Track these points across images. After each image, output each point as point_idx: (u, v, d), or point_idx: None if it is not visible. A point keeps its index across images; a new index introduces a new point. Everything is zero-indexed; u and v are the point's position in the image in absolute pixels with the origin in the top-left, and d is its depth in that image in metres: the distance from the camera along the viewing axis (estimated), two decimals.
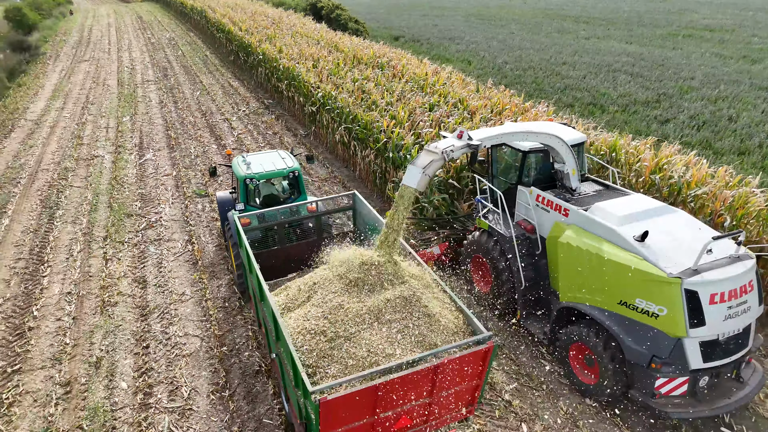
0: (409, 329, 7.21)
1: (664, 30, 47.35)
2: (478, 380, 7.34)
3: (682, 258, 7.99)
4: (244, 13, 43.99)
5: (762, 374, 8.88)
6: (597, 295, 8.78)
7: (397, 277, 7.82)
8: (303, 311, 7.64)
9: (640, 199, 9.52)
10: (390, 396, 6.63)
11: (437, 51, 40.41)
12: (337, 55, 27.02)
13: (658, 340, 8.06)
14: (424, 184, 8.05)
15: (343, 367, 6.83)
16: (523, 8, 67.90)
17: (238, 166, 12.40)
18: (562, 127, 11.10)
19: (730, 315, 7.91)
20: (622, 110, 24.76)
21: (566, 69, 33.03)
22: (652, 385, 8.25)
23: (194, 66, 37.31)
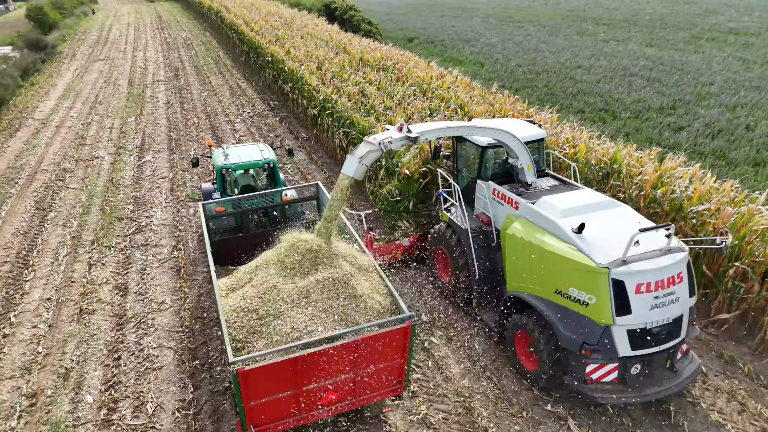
0: (333, 309, 7.78)
1: (687, 33, 45.98)
2: (402, 358, 7.81)
3: (614, 249, 8.17)
4: (259, 14, 43.94)
5: (698, 365, 9.07)
6: (537, 284, 9.12)
7: (331, 261, 8.36)
8: (242, 292, 8.22)
9: (588, 194, 9.80)
10: (311, 370, 7.18)
11: (450, 53, 39.81)
12: (343, 57, 26.66)
13: (589, 328, 8.36)
14: (361, 173, 8.55)
15: (269, 342, 7.38)
16: (543, 9, 66.79)
17: (216, 157, 12.93)
18: (521, 124, 11.40)
19: (657, 305, 8.15)
20: (635, 117, 23.92)
21: (580, 73, 32.17)
22: (583, 372, 8.53)
23: (206, 66, 37.33)
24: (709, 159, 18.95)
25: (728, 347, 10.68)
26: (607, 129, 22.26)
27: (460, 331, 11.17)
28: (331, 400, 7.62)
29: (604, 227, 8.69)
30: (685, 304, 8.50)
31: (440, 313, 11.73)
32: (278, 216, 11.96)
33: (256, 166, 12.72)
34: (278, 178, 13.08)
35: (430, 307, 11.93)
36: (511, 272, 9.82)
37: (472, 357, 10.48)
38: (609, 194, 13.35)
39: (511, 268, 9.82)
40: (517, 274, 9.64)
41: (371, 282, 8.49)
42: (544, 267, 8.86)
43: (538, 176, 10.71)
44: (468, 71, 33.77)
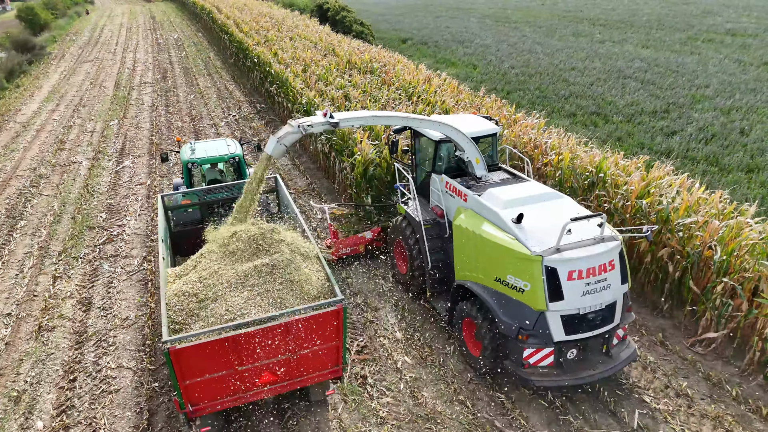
0: (269, 293, 8.13)
1: (683, 34, 45.46)
2: (337, 341, 8.18)
3: (549, 238, 8.48)
4: (250, 14, 43.42)
5: (633, 351, 9.41)
6: (479, 272, 9.45)
7: (273, 248, 8.79)
8: (187, 277, 8.62)
9: (533, 186, 10.14)
10: (244, 350, 7.52)
11: (443, 54, 39.29)
12: (331, 59, 26.14)
13: (525, 314, 8.67)
14: (279, 152, 9.10)
15: (205, 324, 7.71)
16: (540, 10, 66.24)
17: (183, 152, 13.27)
18: (474, 119, 11.75)
19: (588, 291, 8.45)
20: (627, 120, 23.40)
21: (574, 75, 31.65)
22: (520, 356, 8.85)
23: (195, 68, 36.81)
24: (701, 165, 18.43)
25: (716, 368, 10.15)
26: (598, 133, 21.77)
27: (435, 351, 10.65)
28: (268, 380, 7.98)
29: (543, 217, 9.02)
30: (617, 291, 8.78)
31: (416, 330, 11.21)
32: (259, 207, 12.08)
33: (222, 160, 13.00)
34: (244, 172, 13.35)
35: (407, 325, 11.40)
36: (458, 262, 10.13)
37: (446, 378, 9.97)
38: (594, 204, 12.85)
39: (458, 258, 10.12)
40: (463, 263, 9.96)
41: (311, 269, 8.92)
42: (486, 256, 9.21)
43: (490, 170, 11.21)
44: (460, 73, 33.29)
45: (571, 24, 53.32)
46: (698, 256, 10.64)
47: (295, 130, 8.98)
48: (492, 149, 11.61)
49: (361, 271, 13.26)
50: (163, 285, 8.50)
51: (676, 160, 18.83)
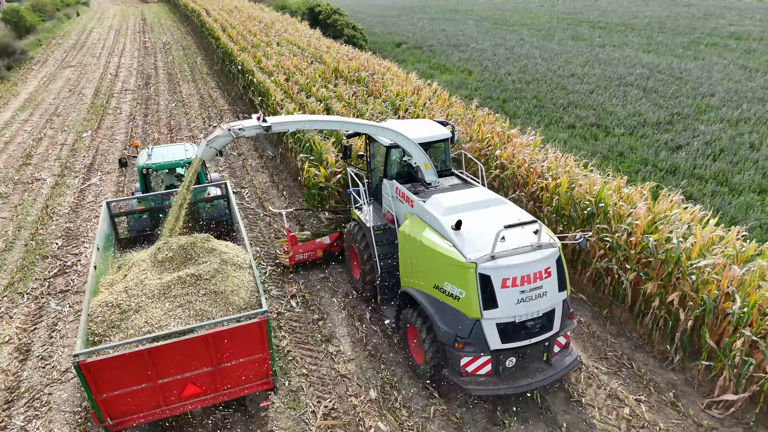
0: (190, 304, 8.05)
1: (686, 38, 44.13)
2: (263, 353, 8.01)
3: (486, 246, 8.34)
4: (239, 18, 42.09)
5: (575, 359, 9.25)
6: (420, 279, 9.33)
7: (202, 257, 8.77)
8: (114, 287, 8.52)
9: (478, 192, 10.12)
10: (164, 363, 7.36)
11: (438, 59, 37.94)
12: (317, 66, 24.80)
13: (461, 322, 8.55)
14: (209, 155, 9.15)
15: (125, 336, 7.63)
16: (539, 12, 64.94)
17: (140, 157, 13.00)
18: (427, 124, 11.66)
19: (524, 299, 8.32)
20: (629, 133, 22.05)
21: (573, 82, 30.31)
22: (458, 364, 8.66)
23: (180, 74, 35.44)
24: (710, 184, 17.08)
25: None
26: (599, 148, 20.42)
27: (414, 413, 9.30)
28: (192, 393, 7.84)
29: (483, 224, 8.88)
30: (554, 299, 8.63)
31: (393, 387, 9.86)
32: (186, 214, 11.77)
33: (178, 165, 12.68)
34: (202, 177, 13.15)
35: (384, 380, 10.05)
36: (403, 269, 9.99)
37: None
38: (595, 237, 11.51)
39: (403, 265, 9.99)
40: (406, 269, 9.84)
41: (241, 279, 8.80)
42: (426, 262, 9.09)
43: (443, 175, 11.27)
44: (454, 80, 31.97)
45: (570, 27, 52.00)
46: (714, 304, 9.30)
47: (226, 134, 9.00)
48: (445, 154, 11.53)
49: (341, 316, 11.92)
50: (88, 295, 8.32)
51: (680, 191, 17.51)
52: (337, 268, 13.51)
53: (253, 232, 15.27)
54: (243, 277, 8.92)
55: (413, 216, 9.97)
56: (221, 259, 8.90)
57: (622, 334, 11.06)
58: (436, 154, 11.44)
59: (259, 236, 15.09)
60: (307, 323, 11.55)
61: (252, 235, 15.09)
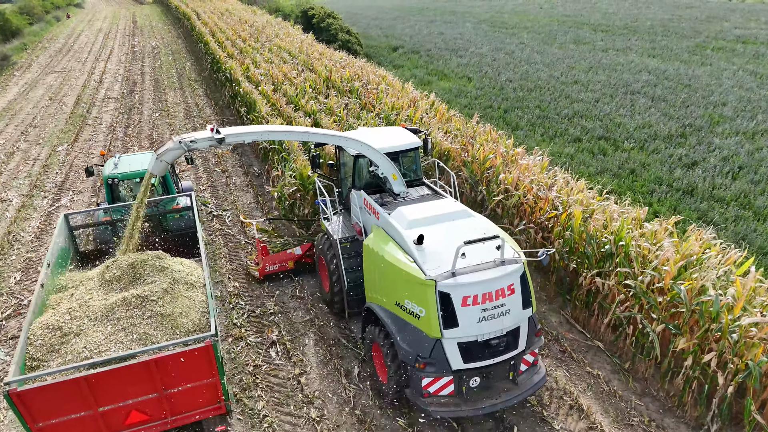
0: (134, 327, 7.69)
1: (691, 41, 42.83)
2: (212, 377, 7.62)
3: (448, 262, 8.00)
4: (230, 21, 40.67)
5: (542, 377, 8.86)
6: (383, 295, 9.00)
7: (151, 277, 8.41)
8: (58, 308, 8.09)
9: (445, 204, 9.67)
10: (104, 390, 7.01)
11: (436, 65, 36.54)
12: (308, 75, 23.40)
13: (421, 341, 8.22)
14: (159, 168, 8.84)
15: (63, 362, 7.24)
16: (538, 14, 63.63)
17: (106, 167, 12.63)
18: (397, 132, 11.25)
19: (485, 317, 7.98)
20: (640, 147, 20.68)
21: (577, 90, 28.96)
22: (420, 385, 8.31)
23: (167, 80, 34.00)
24: (731, 207, 15.73)
25: None
26: (608, 164, 19.06)
27: None
28: (138, 420, 7.52)
29: (448, 239, 8.51)
30: (518, 317, 8.30)
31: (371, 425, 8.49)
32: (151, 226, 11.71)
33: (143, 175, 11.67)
34: (171, 187, 12.95)
35: (359, 418, 8.69)
36: (367, 283, 9.70)
37: None
38: (614, 281, 10.13)
39: (367, 279, 9.69)
40: (370, 284, 9.55)
41: (193, 299, 8.44)
42: (388, 278, 8.77)
43: (413, 185, 10.92)
44: (453, 87, 30.59)
45: (571, 30, 50.67)
46: (759, 371, 7.93)
47: (177, 146, 8.64)
48: (415, 164, 11.18)
49: (326, 370, 10.51)
50: (29, 316, 7.87)
51: (700, 200, 16.14)
52: (324, 308, 12.13)
53: (233, 263, 13.87)
54: (195, 297, 8.55)
55: (378, 229, 9.60)
56: (172, 278, 8.54)
57: (648, 394, 9.68)
58: (407, 163, 11.08)
59: (239, 268, 13.69)
60: (287, 379, 10.14)
61: (231, 267, 13.69)
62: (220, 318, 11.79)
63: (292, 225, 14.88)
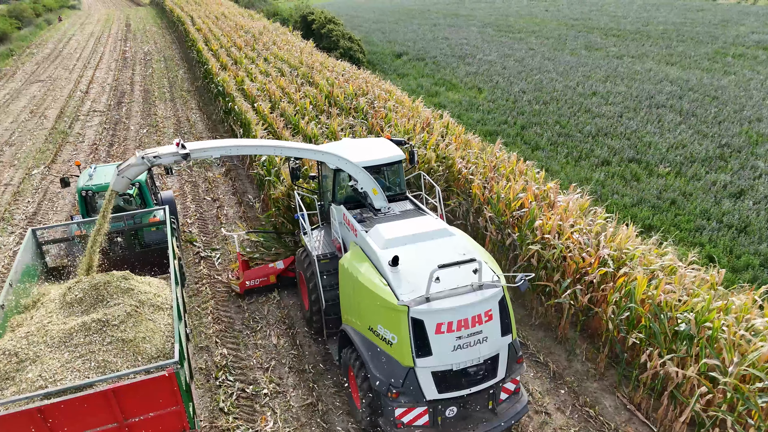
0: (93, 354, 7.36)
1: (709, 47, 40.86)
2: (176, 405, 7.27)
3: (422, 286, 7.50)
4: (226, 27, 38.62)
5: (524, 406, 8.42)
6: (357, 318, 8.57)
7: (114, 299, 8.10)
8: (17, 331, 7.82)
9: (425, 222, 9.19)
10: (59, 421, 6.70)
11: (443, 73, 34.53)
12: (308, 90, 21.37)
13: (394, 369, 7.78)
14: (120, 185, 8.46)
15: (18, 390, 6.93)
16: (545, 17, 61.67)
17: (81, 178, 12.38)
18: (381, 144, 10.72)
19: (461, 345, 7.56)
20: (676, 172, 18.69)
21: (597, 103, 26.97)
22: (392, 415, 7.85)
23: (158, 90, 31.98)
24: None
25: None
26: (645, 192, 17.04)
27: None
28: None
29: (425, 260, 8.05)
30: (496, 344, 7.86)
31: None
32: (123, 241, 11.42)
33: None
34: (148, 199, 12.53)
35: None
36: (342, 304, 9.36)
37: None
38: (694, 370, 8.11)
39: (342, 300, 9.35)
40: (344, 305, 9.21)
41: (159, 323, 8.13)
42: (361, 301, 8.34)
43: (397, 200, 10.45)
44: (463, 99, 28.59)
45: (581, 34, 48.71)
46: None
47: (139, 162, 8.31)
48: (399, 177, 10.61)
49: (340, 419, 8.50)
50: None
51: (758, 241, 14.14)
52: (330, 388, 10.11)
53: (221, 323, 11.84)
54: (161, 320, 8.21)
55: (356, 246, 9.19)
56: (138, 300, 8.24)
57: None
58: (390, 176, 10.54)
59: (228, 329, 11.66)
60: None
61: (219, 328, 11.67)
62: (203, 400, 9.77)
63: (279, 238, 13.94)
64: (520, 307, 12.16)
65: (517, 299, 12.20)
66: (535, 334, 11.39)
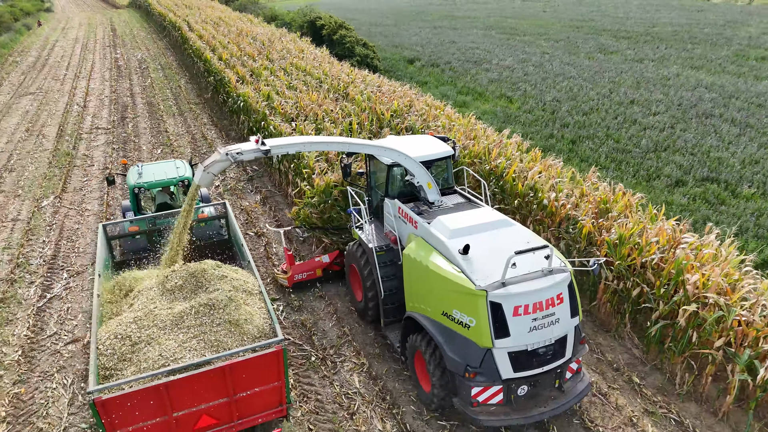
0: (205, 335, 7.84)
1: (726, 50, 39.93)
2: (278, 381, 7.84)
3: (496, 271, 8.04)
4: (228, 34, 36.34)
5: (587, 385, 8.98)
6: (427, 305, 9.00)
7: (213, 285, 8.57)
8: (119, 318, 8.12)
9: (484, 213, 9.72)
10: (179, 396, 7.15)
11: (464, 81, 32.84)
12: (345, 105, 19.45)
13: (471, 350, 8.25)
14: (207, 181, 8.73)
15: (137, 370, 7.32)
16: (546, 19, 60.47)
17: (130, 176, 12.59)
18: (428, 140, 11.30)
19: (536, 327, 8.05)
20: (761, 194, 17.20)
21: (640, 112, 25.53)
22: (469, 394, 8.36)
23: (163, 103, 29.69)
24: None
25: None
26: (732, 219, 15.50)
27: None
28: (206, 424, 7.58)
29: (492, 248, 8.62)
30: (566, 325, 8.37)
31: None
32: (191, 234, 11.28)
33: (171, 183, 12.42)
34: None
35: None
36: (408, 292, 9.71)
37: None
38: None
39: (408, 289, 9.72)
40: (412, 293, 9.57)
41: (253, 306, 8.57)
42: (433, 288, 8.79)
43: (446, 194, 10.97)
44: (496, 110, 26.91)
45: (591, 37, 47.50)
46: None
47: (224, 158, 8.64)
48: (446, 172, 11.25)
49: None
50: (95, 326, 7.93)
51: None
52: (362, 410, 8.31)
53: None
54: (254, 304, 8.72)
55: (418, 238, 9.71)
56: (232, 286, 8.66)
57: None
58: (438, 171, 11.08)
59: None
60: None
61: None
62: None
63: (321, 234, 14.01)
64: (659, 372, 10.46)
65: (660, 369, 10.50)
66: (687, 407, 9.69)
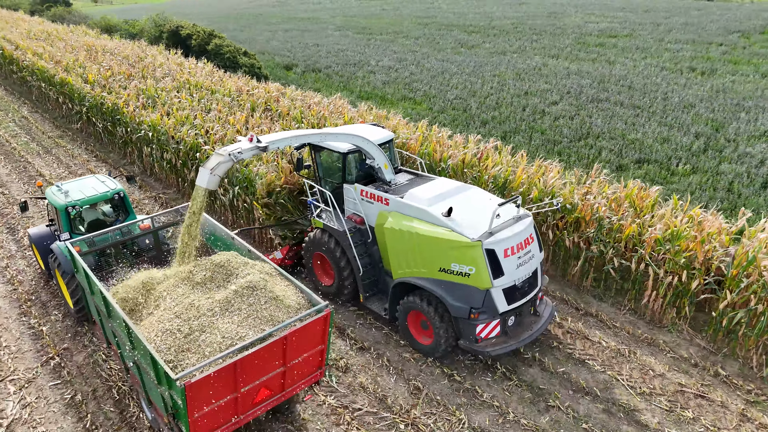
0: (257, 312, 8.16)
1: (565, 39, 44.34)
2: (323, 344, 8.47)
3: (480, 224, 9.66)
4: (73, 50, 30.88)
5: (552, 307, 11.14)
6: (422, 267, 10.22)
7: (242, 270, 8.92)
8: (155, 318, 8.23)
9: (443, 182, 11.27)
10: (248, 371, 7.53)
11: (357, 85, 32.00)
12: (284, 123, 17.47)
13: (473, 295, 9.70)
14: (214, 183, 9.19)
15: (201, 356, 7.53)
16: (391, 17, 61.76)
17: (54, 196, 12.33)
18: (368, 127, 12.50)
19: (521, 263, 9.83)
20: (686, 166, 19.18)
21: (539, 102, 27.07)
22: (474, 333, 9.89)
23: (14, 141, 24.19)
24: None
25: None
26: (703, 193, 17.01)
27: None
28: (264, 396, 7.97)
29: (465, 207, 10.15)
30: (537, 259, 10.27)
31: None
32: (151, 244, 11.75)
33: (105, 198, 12.38)
34: (130, 207, 12.85)
35: None
36: (396, 262, 10.72)
37: None
38: None
39: (394, 259, 10.73)
40: (401, 262, 10.60)
41: (279, 284, 8.93)
42: (425, 251, 10.01)
43: (396, 172, 12.02)
44: (411, 112, 26.59)
45: (444, 33, 49.51)
46: None
47: (227, 159, 8.98)
48: (390, 153, 12.17)
49: None
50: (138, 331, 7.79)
51: None
52: None
53: None
54: (281, 282, 8.97)
55: (393, 212, 10.70)
56: (257, 270, 8.88)
57: None
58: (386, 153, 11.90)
59: None
60: None
61: None
62: None
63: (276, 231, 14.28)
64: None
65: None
66: None
